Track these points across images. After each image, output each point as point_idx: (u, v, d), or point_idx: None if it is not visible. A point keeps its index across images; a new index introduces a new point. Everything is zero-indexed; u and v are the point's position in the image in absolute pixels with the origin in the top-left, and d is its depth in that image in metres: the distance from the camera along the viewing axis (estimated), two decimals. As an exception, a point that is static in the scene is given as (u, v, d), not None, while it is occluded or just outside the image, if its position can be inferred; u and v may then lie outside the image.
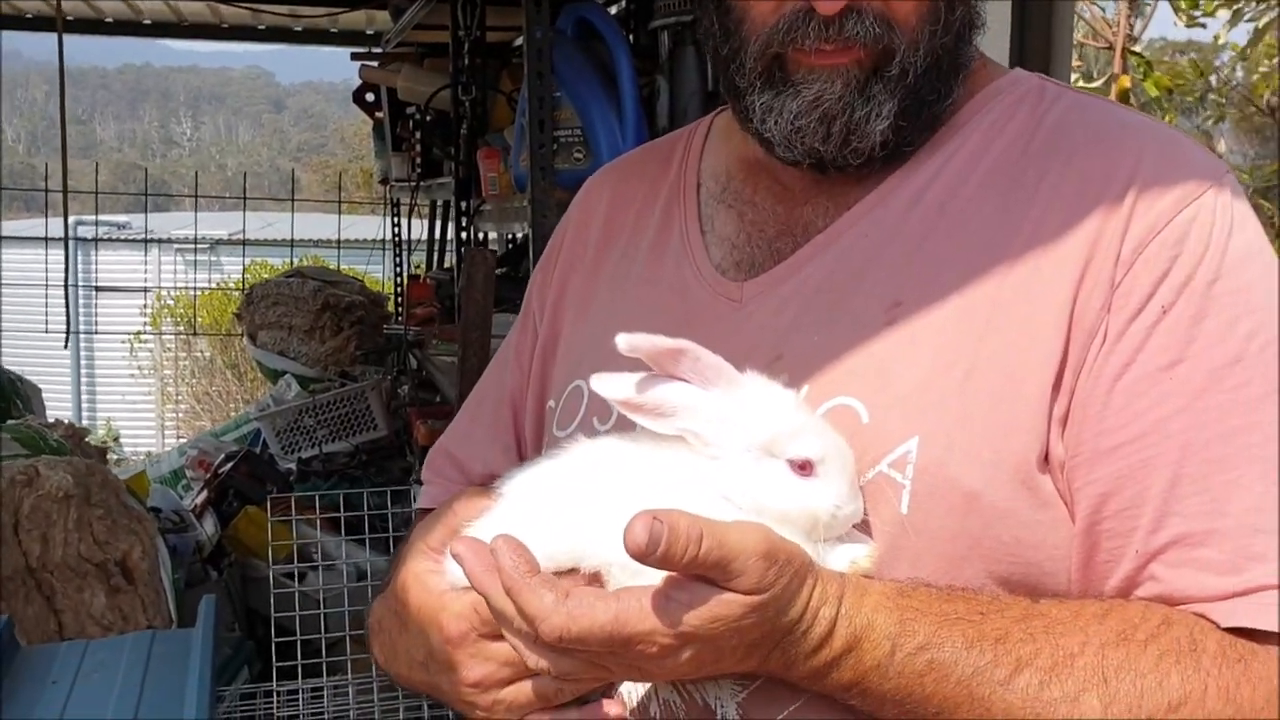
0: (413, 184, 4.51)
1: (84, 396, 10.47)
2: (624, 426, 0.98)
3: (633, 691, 0.91)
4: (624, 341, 0.84)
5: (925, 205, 0.96)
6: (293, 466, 4.47)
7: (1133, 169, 0.91)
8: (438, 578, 0.94)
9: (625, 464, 0.89)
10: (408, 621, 0.96)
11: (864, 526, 0.88)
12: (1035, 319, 0.89)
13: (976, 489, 0.86)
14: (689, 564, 0.77)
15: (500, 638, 0.87)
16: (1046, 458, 0.87)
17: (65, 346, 4.79)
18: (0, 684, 1.91)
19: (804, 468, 0.84)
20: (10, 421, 3.21)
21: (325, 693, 2.08)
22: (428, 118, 4.18)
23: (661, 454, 0.87)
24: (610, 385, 0.87)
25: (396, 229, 5.66)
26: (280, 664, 2.10)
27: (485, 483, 1.08)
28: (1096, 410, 0.87)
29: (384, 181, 5.42)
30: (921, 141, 0.98)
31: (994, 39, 2.05)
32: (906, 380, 0.89)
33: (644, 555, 0.76)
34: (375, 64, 4.85)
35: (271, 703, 2.07)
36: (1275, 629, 0.82)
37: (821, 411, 0.90)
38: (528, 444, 1.17)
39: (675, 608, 0.78)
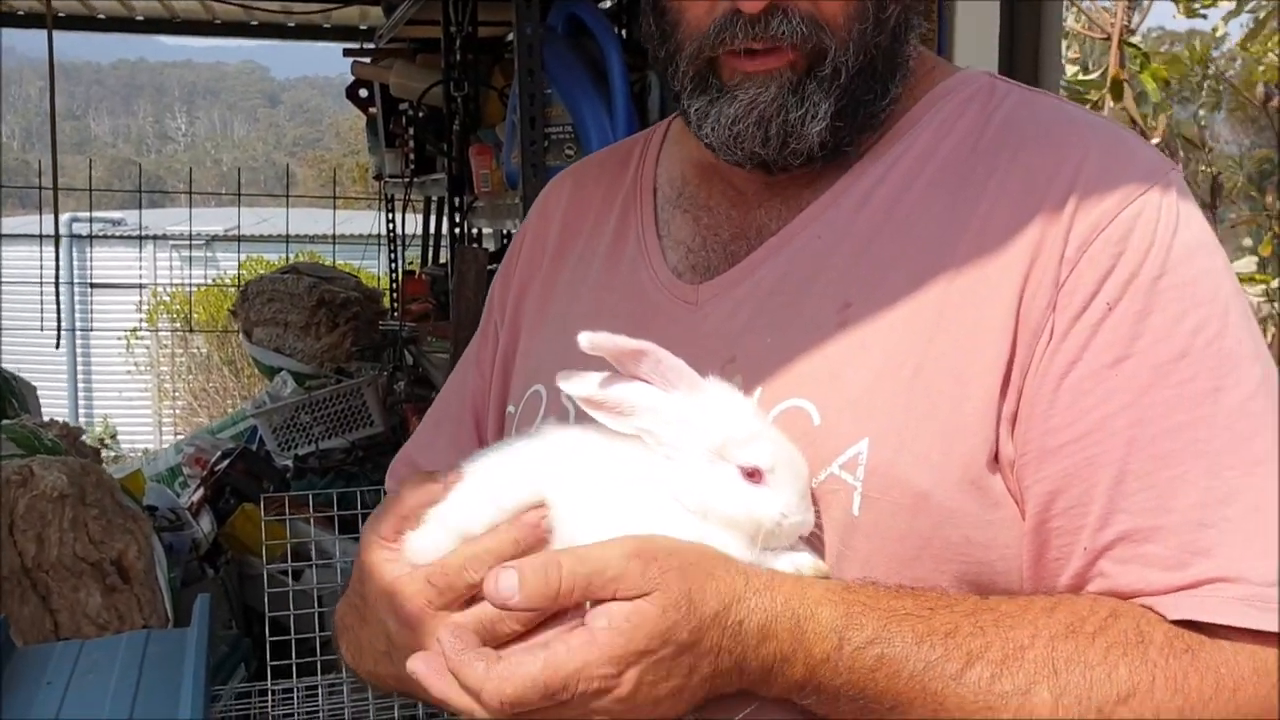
0: (406, 180, 4.51)
1: (80, 393, 10.46)
2: None
3: None
4: (586, 340, 0.85)
5: (875, 206, 0.96)
6: (289, 463, 4.47)
7: (1077, 166, 0.92)
8: (392, 565, 0.93)
9: (583, 454, 0.90)
10: (366, 614, 0.95)
11: (816, 536, 0.89)
12: (982, 319, 0.89)
13: (926, 489, 0.86)
14: (559, 593, 0.79)
15: (458, 607, 0.87)
16: (997, 457, 0.88)
17: (57, 347, 4.79)
18: (-4, 684, 1.91)
19: (753, 475, 0.85)
20: (5, 421, 3.21)
21: (320, 691, 2.09)
22: (420, 114, 4.18)
23: (619, 449, 0.88)
24: (574, 383, 0.88)
25: (391, 224, 5.66)
26: (275, 663, 2.10)
27: None
28: (1043, 409, 0.87)
29: (378, 177, 5.42)
30: (864, 141, 0.98)
31: (982, 37, 2.06)
32: (857, 382, 0.90)
33: (506, 605, 0.79)
34: (368, 60, 4.85)
35: (266, 702, 2.08)
36: (1220, 621, 0.83)
37: (774, 414, 0.90)
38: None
39: (596, 634, 0.79)
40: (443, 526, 0.91)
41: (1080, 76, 3.64)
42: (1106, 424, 0.86)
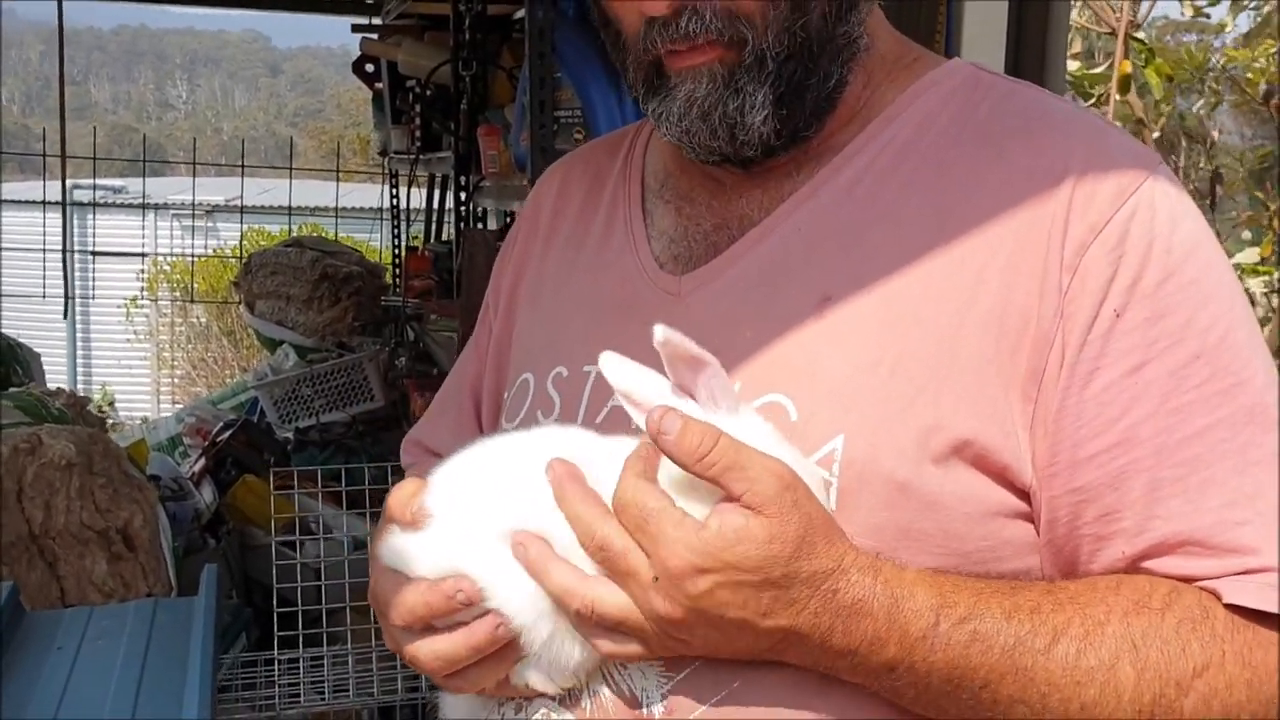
0: (412, 157, 4.53)
1: (79, 361, 10.48)
2: (565, 422, 1.01)
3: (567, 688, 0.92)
4: (660, 333, 0.84)
5: (857, 199, 0.97)
6: (290, 436, 4.51)
7: (1064, 163, 0.92)
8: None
9: (586, 456, 0.90)
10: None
11: None
12: (963, 316, 0.90)
13: (902, 480, 0.87)
14: (704, 459, 0.80)
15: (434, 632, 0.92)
16: (977, 452, 0.88)
17: (65, 316, 4.80)
18: (7, 649, 1.95)
19: None
20: (12, 389, 3.24)
21: (325, 661, 2.13)
22: (428, 92, 4.19)
23: (620, 449, 0.89)
24: (615, 370, 0.88)
25: (395, 200, 5.67)
26: (281, 633, 2.14)
27: None
28: (1071, 421, 0.88)
29: (383, 153, 5.42)
30: (829, 125, 0.99)
31: (990, 36, 2.08)
32: (835, 376, 0.90)
33: (659, 439, 0.81)
34: (375, 36, 4.85)
35: (273, 670, 2.12)
36: (1269, 609, 0.85)
37: (753, 407, 0.91)
38: (488, 434, 1.21)
39: (704, 528, 0.81)
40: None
41: (1084, 71, 3.67)
42: (1134, 433, 0.87)
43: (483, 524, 0.91)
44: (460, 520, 0.92)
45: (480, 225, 3.68)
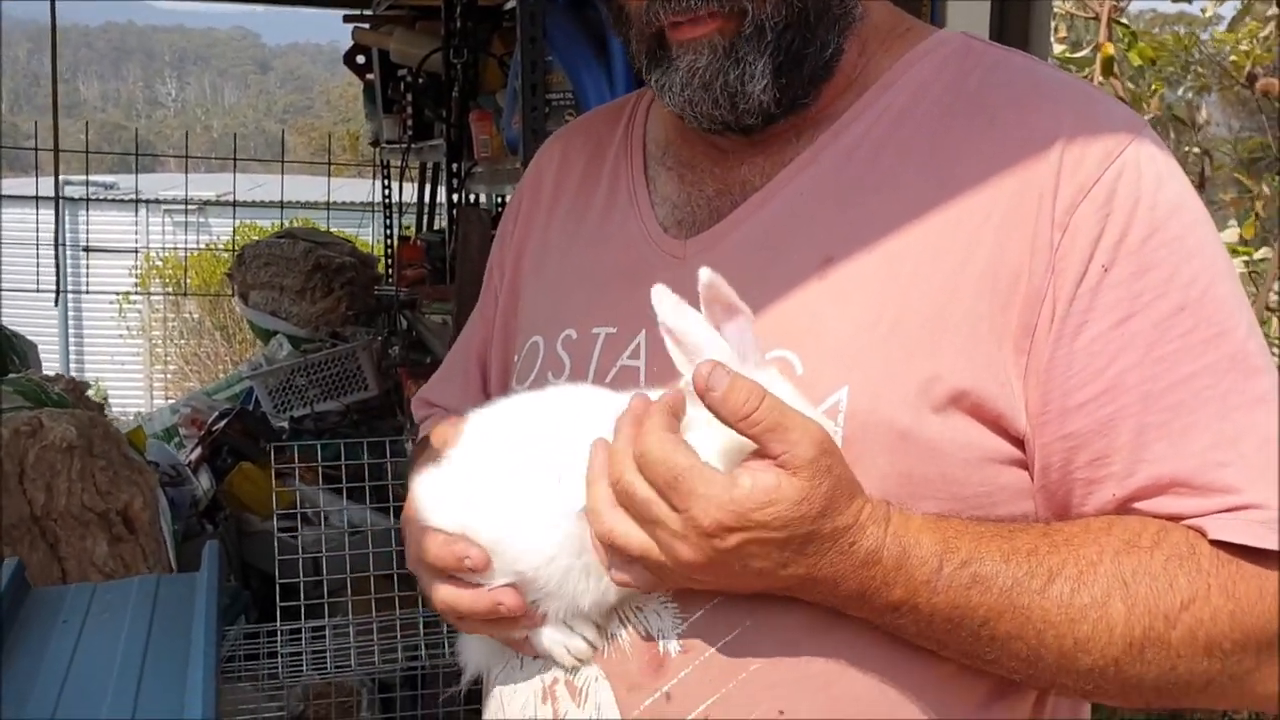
0: (404, 146, 4.55)
1: (72, 357, 10.48)
2: (575, 382, 1.04)
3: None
4: (705, 274, 0.88)
5: (855, 163, 1.01)
6: (285, 425, 4.54)
7: (1054, 127, 0.96)
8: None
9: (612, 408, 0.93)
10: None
11: None
12: (959, 274, 0.94)
13: (903, 428, 0.92)
14: (747, 416, 0.83)
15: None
16: (974, 402, 0.93)
17: (55, 304, 4.82)
18: (13, 624, 1.98)
19: None
20: (11, 375, 3.27)
21: (327, 632, 2.17)
22: (420, 80, 4.22)
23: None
24: (667, 305, 0.91)
25: (387, 190, 5.70)
26: (283, 604, 2.18)
27: None
28: (1061, 371, 0.92)
29: (375, 143, 5.45)
30: (827, 92, 1.02)
31: (973, 24, 2.11)
32: (838, 333, 0.95)
33: (705, 394, 0.84)
34: (367, 26, 4.87)
35: (275, 641, 2.16)
36: (1250, 543, 0.89)
37: None
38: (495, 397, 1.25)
39: (738, 484, 0.84)
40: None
41: (1068, 54, 3.71)
42: (1121, 381, 0.91)
43: (500, 478, 0.95)
44: (479, 473, 0.96)
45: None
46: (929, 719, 0.94)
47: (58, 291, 4.64)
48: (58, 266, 4.74)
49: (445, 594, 0.97)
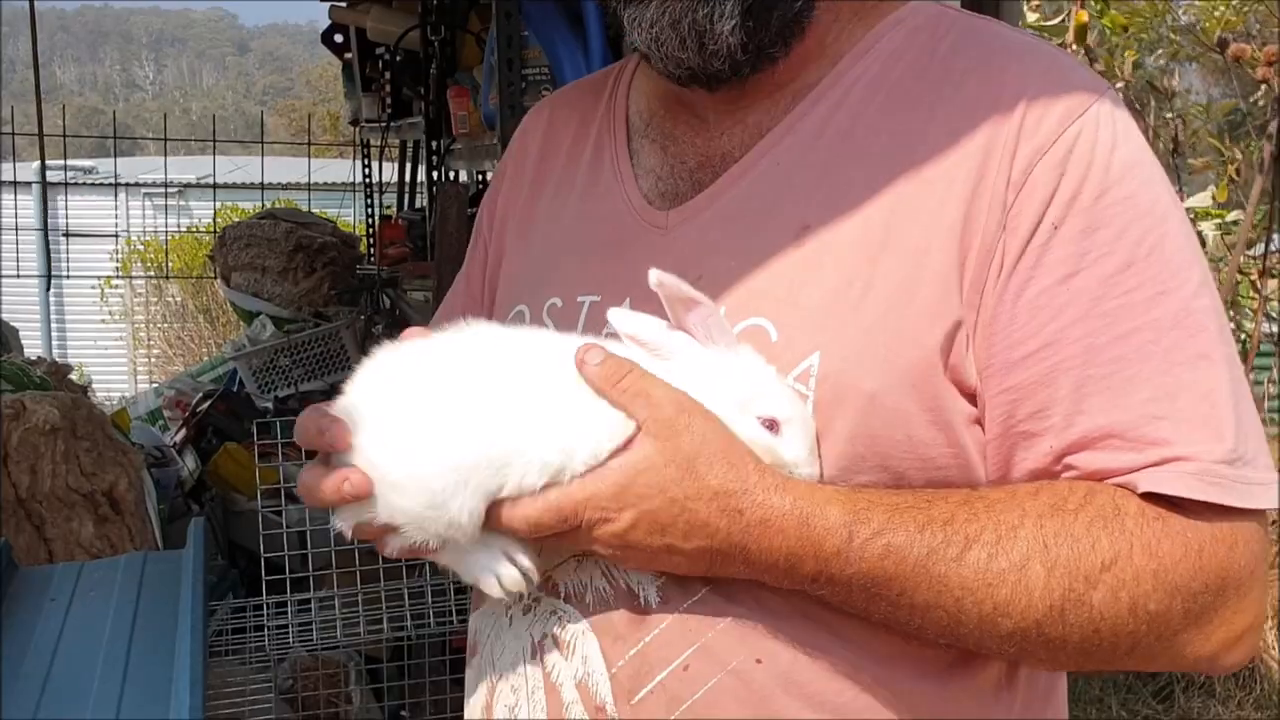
0: (383, 124, 4.55)
1: (55, 342, 10.44)
2: None
3: (570, 583, 0.99)
4: (655, 276, 0.93)
5: (831, 133, 1.03)
6: (269, 405, 4.55)
7: (1018, 90, 0.98)
8: None
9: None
10: None
11: None
12: (930, 236, 0.96)
13: (872, 390, 0.94)
14: (616, 385, 0.91)
15: None
16: (947, 362, 0.95)
17: (48, 290, 4.81)
18: (3, 602, 2.00)
19: (771, 426, 0.93)
20: (-7, 360, 3.27)
21: (313, 606, 2.19)
22: (397, 58, 4.21)
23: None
24: (624, 320, 0.97)
25: (367, 170, 5.69)
26: (269, 579, 2.20)
27: None
28: (1004, 325, 0.94)
29: (354, 122, 5.44)
30: (794, 48, 1.03)
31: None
32: (811, 300, 0.97)
33: (582, 365, 0.92)
34: (344, 4, 4.86)
35: (262, 615, 2.18)
36: (1180, 494, 0.91)
37: (736, 331, 0.98)
38: None
39: (607, 472, 0.91)
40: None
41: (1043, 23, 3.73)
42: (1063, 335, 0.93)
43: (395, 409, 0.95)
44: (379, 402, 0.97)
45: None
46: (901, 674, 0.96)
47: (47, 277, 4.62)
48: (46, 252, 4.72)
49: (310, 474, 0.97)
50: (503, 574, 0.95)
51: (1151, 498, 0.92)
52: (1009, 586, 0.90)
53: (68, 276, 9.02)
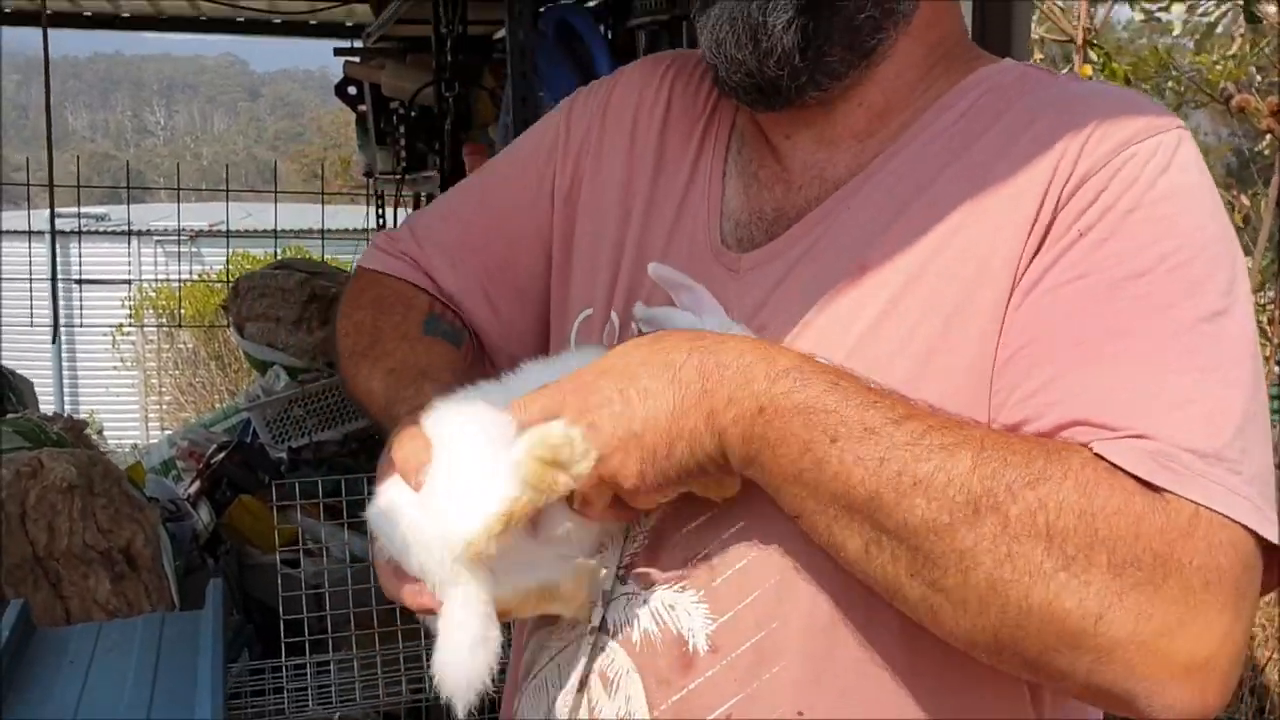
0: (398, 177, 4.59)
1: (66, 390, 10.49)
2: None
3: (618, 620, 1.01)
4: (654, 269, 1.04)
5: (905, 186, 1.02)
6: (284, 456, 4.55)
7: (1086, 122, 0.96)
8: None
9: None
10: None
11: None
12: (983, 272, 0.95)
13: None
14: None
15: None
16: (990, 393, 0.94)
17: (54, 340, 4.84)
18: (19, 664, 2.00)
19: None
20: (10, 415, 3.29)
21: (331, 667, 2.19)
22: (412, 113, 4.26)
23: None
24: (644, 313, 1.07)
25: (381, 219, 5.73)
26: (288, 640, 2.20)
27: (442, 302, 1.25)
28: (1007, 328, 0.93)
29: (368, 174, 5.49)
30: (852, 67, 1.04)
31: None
32: (866, 341, 0.97)
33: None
34: (358, 60, 4.92)
35: (280, 677, 2.18)
36: (1127, 468, 0.84)
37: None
38: (508, 306, 1.27)
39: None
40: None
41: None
42: (1055, 328, 0.91)
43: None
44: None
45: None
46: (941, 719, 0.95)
47: (55, 328, 4.65)
48: (55, 302, 4.76)
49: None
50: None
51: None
52: (934, 463, 0.84)
53: (80, 325, 9.08)
